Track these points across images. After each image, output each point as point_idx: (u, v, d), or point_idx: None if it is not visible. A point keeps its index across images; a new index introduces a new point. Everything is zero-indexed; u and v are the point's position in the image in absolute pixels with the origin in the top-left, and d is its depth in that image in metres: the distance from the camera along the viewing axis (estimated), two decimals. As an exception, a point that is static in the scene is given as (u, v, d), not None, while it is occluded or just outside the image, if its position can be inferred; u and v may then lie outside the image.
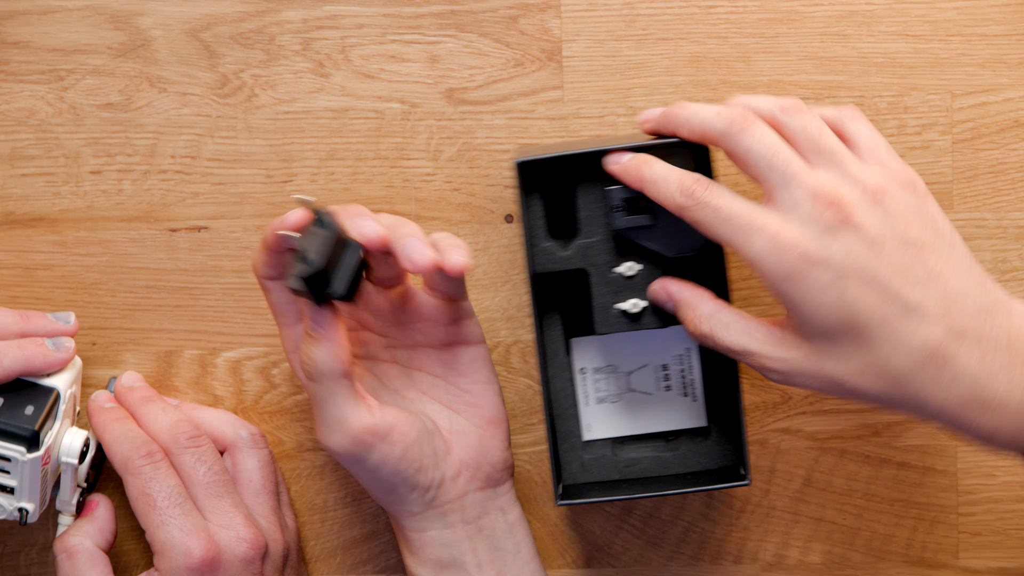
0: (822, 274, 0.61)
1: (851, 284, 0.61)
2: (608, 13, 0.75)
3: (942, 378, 0.61)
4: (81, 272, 0.76)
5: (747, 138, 0.63)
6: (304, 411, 0.77)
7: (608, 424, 0.74)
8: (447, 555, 0.70)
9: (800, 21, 0.75)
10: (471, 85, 0.75)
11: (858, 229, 0.61)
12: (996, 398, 0.60)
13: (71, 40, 0.75)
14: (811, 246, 0.61)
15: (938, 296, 0.61)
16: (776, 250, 0.61)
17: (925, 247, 0.62)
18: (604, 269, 0.70)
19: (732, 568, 0.77)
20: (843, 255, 0.61)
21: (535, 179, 0.70)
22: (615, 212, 0.68)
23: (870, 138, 0.65)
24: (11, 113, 0.75)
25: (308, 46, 0.75)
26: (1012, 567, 0.77)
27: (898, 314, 0.61)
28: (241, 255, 0.76)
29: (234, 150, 0.76)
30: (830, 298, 0.61)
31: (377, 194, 0.76)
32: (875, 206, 0.62)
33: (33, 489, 0.69)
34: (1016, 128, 0.76)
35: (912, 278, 0.61)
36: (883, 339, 0.61)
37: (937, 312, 0.61)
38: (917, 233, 0.62)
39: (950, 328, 0.61)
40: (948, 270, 0.62)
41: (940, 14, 0.75)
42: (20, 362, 0.69)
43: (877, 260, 0.61)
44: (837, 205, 0.61)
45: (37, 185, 0.76)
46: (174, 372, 0.76)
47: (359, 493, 0.77)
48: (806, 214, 0.62)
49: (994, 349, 0.61)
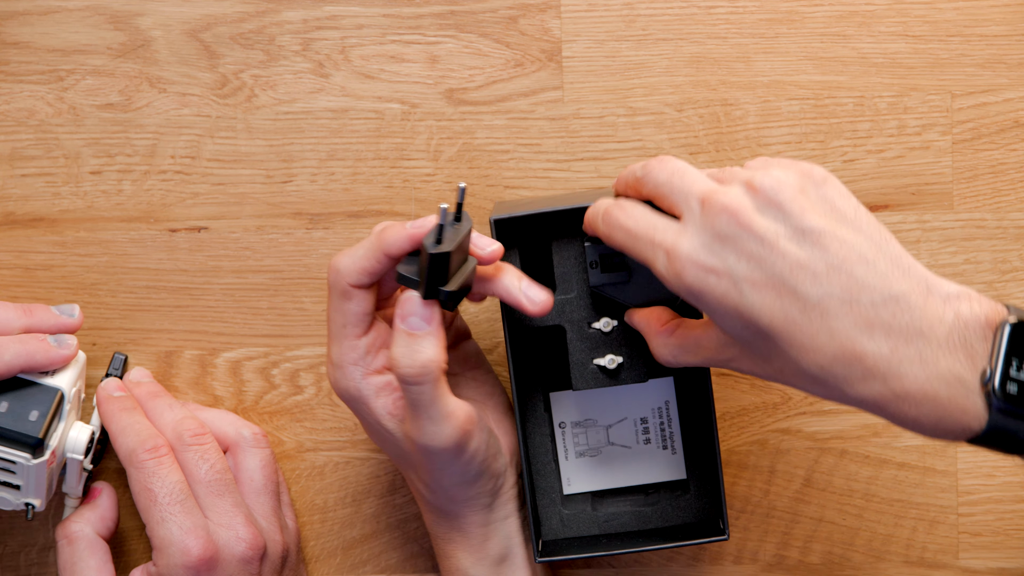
0: (719, 283, 0.59)
1: (748, 289, 0.59)
2: (608, 13, 0.75)
3: (855, 373, 0.58)
4: (81, 272, 0.76)
5: (655, 172, 0.63)
6: (304, 411, 0.77)
7: (588, 478, 0.74)
8: (506, 548, 0.71)
9: (800, 21, 0.75)
10: (471, 85, 0.75)
11: (750, 230, 0.59)
12: (911, 391, 0.57)
13: (71, 40, 0.75)
14: (705, 256, 0.60)
15: (841, 288, 0.58)
16: (674, 263, 0.60)
17: (825, 234, 0.58)
18: (581, 325, 0.70)
19: (732, 568, 0.77)
20: (736, 260, 0.59)
21: (512, 235, 0.70)
22: (592, 268, 0.69)
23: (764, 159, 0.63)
24: (11, 113, 0.76)
25: (308, 46, 0.75)
26: (1012, 567, 0.77)
27: (800, 313, 0.58)
28: (241, 255, 0.76)
29: (234, 150, 0.76)
30: (731, 306, 0.59)
31: (377, 194, 0.76)
32: (768, 205, 0.59)
33: (39, 487, 0.69)
34: (1016, 128, 0.76)
35: (811, 271, 0.58)
36: (791, 340, 0.59)
37: (840, 306, 0.58)
38: (814, 221, 0.59)
39: (856, 321, 0.58)
40: (852, 257, 0.58)
41: (940, 14, 0.75)
42: (22, 357, 0.69)
43: (772, 258, 0.58)
44: (728, 211, 0.59)
45: (37, 185, 0.76)
46: (174, 372, 0.76)
47: (359, 493, 0.77)
48: (700, 224, 0.60)
49: (905, 340, 0.57)
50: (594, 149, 0.76)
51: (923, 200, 0.76)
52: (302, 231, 0.76)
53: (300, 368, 0.76)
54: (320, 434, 0.77)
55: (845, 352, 0.58)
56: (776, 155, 0.75)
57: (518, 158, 0.76)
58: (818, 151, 0.76)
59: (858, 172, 0.76)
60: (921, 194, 0.76)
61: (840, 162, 0.76)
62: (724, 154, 0.75)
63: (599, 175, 0.76)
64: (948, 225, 0.76)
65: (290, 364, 0.76)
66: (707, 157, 0.75)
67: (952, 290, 0.58)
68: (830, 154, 0.76)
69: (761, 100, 0.76)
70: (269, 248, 0.76)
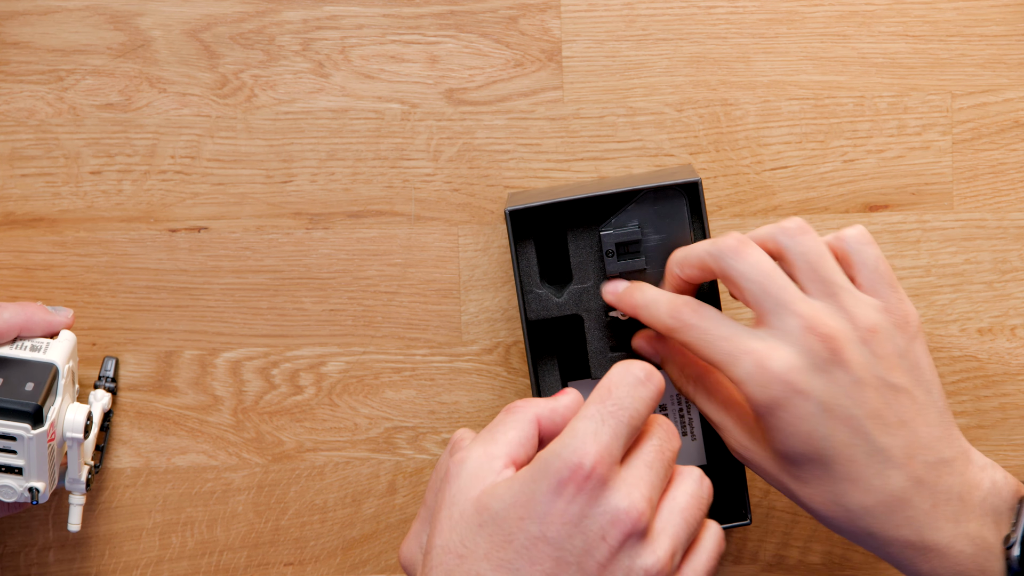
0: (803, 404, 0.61)
1: (827, 419, 0.61)
2: (608, 13, 0.75)
3: (893, 519, 0.62)
4: (81, 272, 0.76)
5: (740, 263, 0.63)
6: (304, 411, 0.77)
7: None
8: None
9: (800, 21, 0.75)
10: (471, 85, 0.75)
11: (845, 366, 0.62)
12: (939, 544, 0.62)
13: (71, 40, 0.75)
14: (797, 376, 0.61)
15: (905, 443, 0.62)
16: (762, 374, 0.61)
17: (902, 393, 0.62)
18: (599, 314, 0.70)
19: (732, 568, 0.77)
20: (826, 390, 0.61)
21: (526, 226, 0.70)
22: (608, 257, 0.69)
23: (874, 266, 0.64)
24: (11, 113, 0.75)
25: (308, 46, 0.75)
26: (1012, 567, 0.77)
27: (865, 455, 0.62)
28: (241, 255, 0.76)
29: (234, 150, 0.76)
30: (806, 429, 0.62)
31: (377, 194, 0.76)
32: (864, 345, 0.62)
33: (41, 467, 0.69)
34: (1016, 128, 0.76)
35: (884, 422, 0.62)
36: (845, 475, 0.62)
37: (901, 458, 0.62)
38: (898, 378, 0.63)
39: (910, 475, 0.62)
40: (919, 419, 0.63)
41: (940, 14, 0.75)
42: (20, 317, 0.70)
43: (856, 400, 0.61)
44: (828, 340, 0.61)
45: (37, 185, 0.76)
46: (174, 372, 0.76)
47: (359, 493, 0.77)
48: (797, 343, 0.62)
49: (946, 500, 0.62)
50: (594, 149, 0.76)
51: (923, 200, 0.76)
52: (302, 231, 0.76)
53: (300, 368, 0.76)
54: (320, 434, 0.77)
55: (893, 498, 0.62)
56: (776, 155, 0.75)
57: (518, 158, 0.76)
58: (818, 151, 0.76)
59: (858, 172, 0.76)
60: (921, 194, 0.76)
61: (840, 162, 0.76)
62: (724, 154, 0.75)
63: (599, 175, 0.76)
64: (948, 225, 0.76)
65: (290, 364, 0.76)
66: (707, 157, 0.75)
67: (985, 461, 0.64)
68: (830, 154, 0.76)
69: (761, 100, 0.76)
70: (269, 248, 0.76)
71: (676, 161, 0.76)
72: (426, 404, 0.77)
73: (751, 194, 0.76)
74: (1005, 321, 0.76)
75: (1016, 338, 0.76)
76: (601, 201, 0.69)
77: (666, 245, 0.69)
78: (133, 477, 0.77)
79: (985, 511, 0.62)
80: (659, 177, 0.70)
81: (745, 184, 0.75)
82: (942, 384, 0.65)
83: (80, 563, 0.77)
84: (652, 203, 0.69)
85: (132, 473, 0.77)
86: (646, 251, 0.69)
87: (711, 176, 0.75)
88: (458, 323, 0.76)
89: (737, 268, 0.63)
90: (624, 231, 0.69)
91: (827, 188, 0.76)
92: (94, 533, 0.77)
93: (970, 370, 0.76)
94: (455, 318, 0.76)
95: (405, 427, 0.77)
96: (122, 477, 0.76)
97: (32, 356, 0.70)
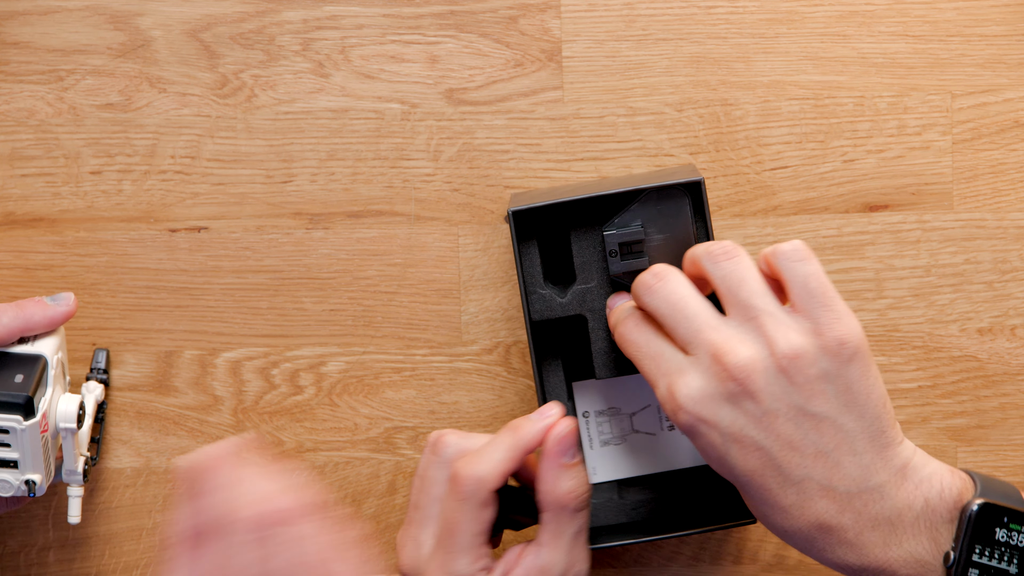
0: (710, 433, 0.61)
1: (736, 448, 0.61)
2: (608, 13, 0.75)
3: (819, 544, 0.61)
4: (81, 272, 0.76)
5: (652, 297, 0.64)
6: (304, 411, 0.77)
7: (613, 467, 0.74)
8: None
9: (800, 21, 0.75)
10: (471, 85, 0.75)
11: (754, 397, 0.60)
12: (875, 565, 0.61)
13: (71, 40, 0.75)
14: (704, 407, 0.61)
15: (823, 473, 0.60)
16: (672, 400, 0.62)
17: (824, 421, 0.60)
18: (603, 314, 0.70)
19: (732, 568, 0.77)
20: (733, 421, 0.61)
21: (530, 227, 0.70)
22: (611, 257, 0.69)
23: (803, 284, 0.62)
24: (11, 113, 0.75)
25: (308, 46, 0.75)
26: (1012, 567, 0.77)
27: (778, 485, 0.61)
28: (241, 255, 0.76)
29: (234, 150, 0.76)
30: (716, 455, 0.62)
31: (377, 194, 0.76)
32: (780, 373, 0.60)
33: (36, 459, 0.69)
34: (1016, 128, 0.76)
35: (800, 452, 0.60)
36: (763, 501, 0.62)
37: (818, 489, 0.60)
38: (819, 406, 0.60)
39: (831, 504, 0.60)
40: (843, 447, 0.60)
41: (940, 14, 0.75)
42: (18, 321, 0.69)
43: (767, 431, 0.60)
44: (735, 369, 0.60)
45: (37, 185, 0.76)
46: (174, 372, 0.76)
47: (359, 493, 0.77)
48: (705, 373, 0.61)
49: (872, 526, 0.60)
50: (594, 149, 0.76)
51: (923, 200, 0.76)
52: (302, 231, 0.76)
53: (300, 368, 0.76)
54: (320, 434, 0.77)
55: (814, 526, 0.61)
56: (776, 155, 0.75)
57: (518, 158, 0.76)
58: (818, 151, 0.76)
59: (858, 172, 0.76)
60: (921, 194, 0.76)
61: (840, 162, 0.76)
62: (724, 154, 0.75)
63: (599, 175, 0.76)
64: (948, 225, 0.76)
65: (290, 364, 0.76)
66: (707, 157, 0.75)
67: (927, 472, 0.61)
68: (830, 154, 0.76)
69: (761, 100, 0.76)
70: (269, 248, 0.76)
71: (676, 161, 0.76)
72: (426, 404, 0.77)
73: (751, 194, 0.76)
74: (1005, 321, 0.76)
75: (1016, 338, 0.76)
76: (604, 201, 0.69)
77: (669, 245, 0.69)
78: (133, 477, 0.77)
79: (919, 530, 0.60)
80: (661, 177, 0.70)
81: (745, 184, 0.75)
82: (891, 399, 0.63)
83: (80, 563, 0.77)
84: (655, 203, 0.69)
85: (132, 473, 0.77)
86: (649, 251, 0.69)
87: (711, 176, 0.75)
88: (458, 323, 0.76)
89: (650, 304, 0.64)
90: (627, 231, 0.69)
91: (827, 188, 0.76)
92: (94, 533, 0.77)
93: (970, 370, 0.76)
94: (455, 318, 0.76)
95: (405, 427, 0.77)
96: (122, 477, 0.76)
97: (20, 348, 0.70)
